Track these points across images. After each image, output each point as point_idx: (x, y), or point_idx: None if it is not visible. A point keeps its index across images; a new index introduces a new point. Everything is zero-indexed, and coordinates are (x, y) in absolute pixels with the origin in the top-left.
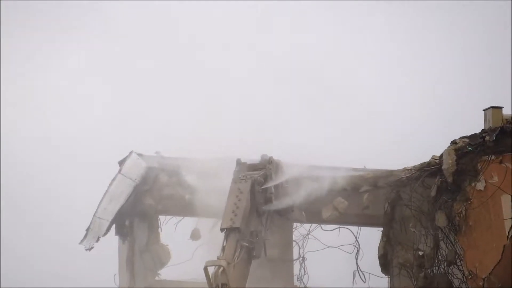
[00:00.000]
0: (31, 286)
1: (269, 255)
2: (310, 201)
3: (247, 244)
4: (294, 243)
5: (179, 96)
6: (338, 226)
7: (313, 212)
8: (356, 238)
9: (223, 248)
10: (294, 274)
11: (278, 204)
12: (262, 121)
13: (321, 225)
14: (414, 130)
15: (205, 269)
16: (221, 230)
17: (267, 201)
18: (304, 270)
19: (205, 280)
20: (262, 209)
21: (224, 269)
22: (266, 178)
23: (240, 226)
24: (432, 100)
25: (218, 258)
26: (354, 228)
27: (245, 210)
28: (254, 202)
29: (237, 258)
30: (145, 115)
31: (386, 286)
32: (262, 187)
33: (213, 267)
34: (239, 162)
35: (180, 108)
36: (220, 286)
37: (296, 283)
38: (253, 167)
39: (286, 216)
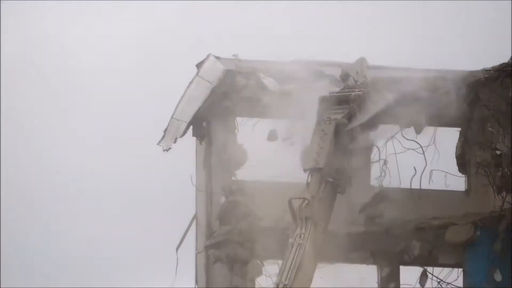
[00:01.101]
0: None
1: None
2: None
3: (331, 180)
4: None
5: None
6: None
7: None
8: (433, 138)
9: (307, 184)
10: (373, 176)
11: (363, 142)
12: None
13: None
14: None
15: (289, 202)
16: (304, 170)
17: (352, 140)
18: (385, 172)
19: (281, 180)
20: (348, 147)
21: (308, 202)
22: (350, 118)
23: (323, 167)
24: None
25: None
26: (432, 129)
27: (328, 151)
28: (338, 143)
29: (322, 193)
30: (220, 17)
31: (464, 185)
32: (347, 128)
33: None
34: (322, 100)
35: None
36: (304, 219)
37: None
38: (338, 100)
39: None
